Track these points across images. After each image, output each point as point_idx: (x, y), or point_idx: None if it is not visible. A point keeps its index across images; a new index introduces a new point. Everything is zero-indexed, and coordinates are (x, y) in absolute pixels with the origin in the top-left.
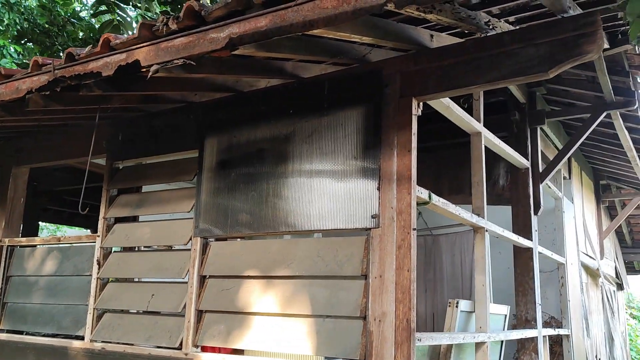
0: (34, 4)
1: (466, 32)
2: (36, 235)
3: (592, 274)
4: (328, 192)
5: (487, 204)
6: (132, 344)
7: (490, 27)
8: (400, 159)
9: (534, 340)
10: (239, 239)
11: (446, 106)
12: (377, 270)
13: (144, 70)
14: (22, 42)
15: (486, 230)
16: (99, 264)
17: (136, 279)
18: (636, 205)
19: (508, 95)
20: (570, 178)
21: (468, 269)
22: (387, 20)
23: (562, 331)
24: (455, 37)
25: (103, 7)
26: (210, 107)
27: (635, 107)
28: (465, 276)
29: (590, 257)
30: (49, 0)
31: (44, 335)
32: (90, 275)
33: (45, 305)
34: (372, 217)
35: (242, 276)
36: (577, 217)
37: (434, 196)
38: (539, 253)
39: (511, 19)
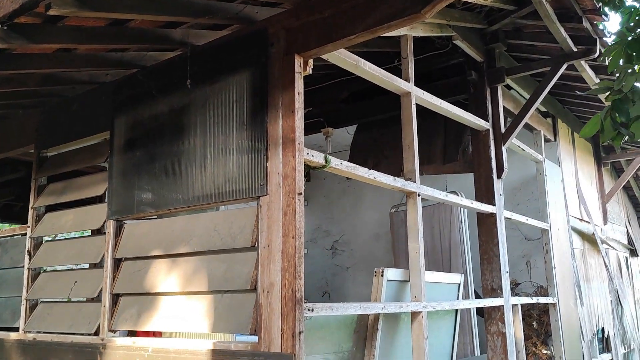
0: None
1: None
2: None
3: (590, 239)
4: (222, 163)
5: (459, 172)
6: (59, 333)
7: None
8: (285, 121)
9: (500, 309)
10: (147, 219)
11: (354, 64)
12: (266, 239)
13: None
14: None
15: (418, 195)
16: (29, 254)
17: (65, 267)
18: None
19: (465, 56)
20: (556, 140)
21: (447, 241)
22: None
23: (543, 299)
24: None
25: None
26: (118, 86)
27: (595, 55)
28: (444, 248)
29: (586, 221)
30: None
31: None
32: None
33: None
34: (261, 184)
35: (150, 257)
36: (566, 181)
37: (332, 159)
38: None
39: None
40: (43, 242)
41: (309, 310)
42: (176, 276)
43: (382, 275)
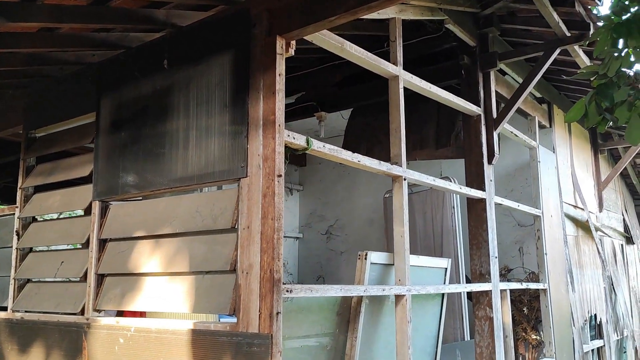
0: None
1: None
2: None
3: (584, 226)
4: (204, 145)
5: (451, 157)
6: (46, 312)
7: None
8: (265, 102)
9: (488, 294)
10: (132, 200)
11: (339, 46)
12: (246, 221)
13: None
14: None
15: (404, 179)
16: (17, 234)
17: (61, 247)
18: (636, 152)
19: (458, 40)
20: (551, 127)
21: (439, 227)
22: None
23: (533, 285)
24: None
25: None
26: (104, 67)
27: (588, 41)
28: (436, 233)
29: (581, 208)
30: None
31: None
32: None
33: None
34: (241, 166)
35: (134, 237)
36: (561, 168)
37: (314, 142)
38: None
39: None
40: (32, 222)
41: (287, 291)
42: (159, 257)
43: (365, 258)
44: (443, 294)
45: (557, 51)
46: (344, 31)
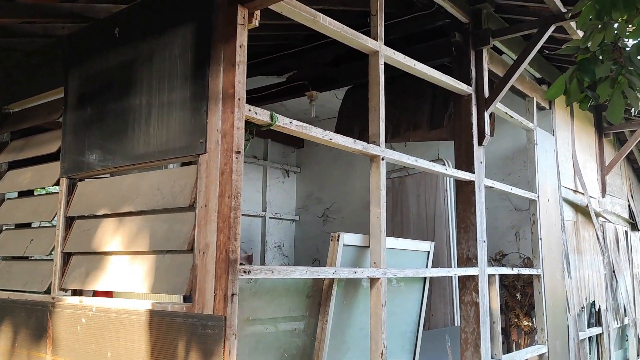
0: None
1: None
2: None
3: (585, 211)
4: (165, 120)
5: (445, 139)
6: (15, 291)
7: None
8: (225, 75)
9: (475, 279)
10: (99, 177)
11: (312, 19)
12: (203, 199)
13: None
14: None
15: (382, 159)
16: None
17: (47, 225)
18: None
19: (451, 17)
20: (551, 108)
21: (432, 210)
22: None
23: (525, 270)
24: None
25: None
26: (72, 40)
27: (571, 13)
28: (429, 217)
29: (581, 193)
30: None
31: None
32: None
33: None
34: (200, 142)
35: (99, 216)
36: (560, 151)
37: (278, 117)
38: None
39: None
40: (5, 199)
41: (244, 272)
42: (122, 236)
43: (337, 240)
44: (425, 278)
45: (552, 28)
46: (329, 5)
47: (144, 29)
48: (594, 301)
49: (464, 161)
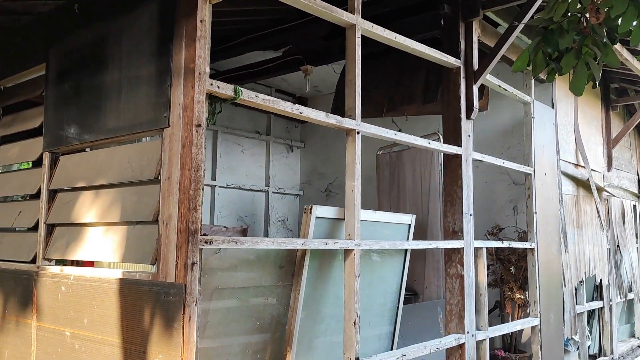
0: None
1: None
2: None
3: (587, 185)
4: (133, 95)
5: (438, 113)
6: (4, 260)
7: None
8: (187, 50)
9: (460, 252)
10: (78, 151)
11: None
12: (167, 172)
13: None
14: None
15: (358, 132)
16: None
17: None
18: None
19: None
20: (551, 81)
21: (427, 185)
22: None
23: (517, 244)
24: None
25: None
26: (52, 17)
27: None
28: (424, 191)
29: (582, 167)
30: None
31: None
32: None
33: None
34: (164, 116)
35: (78, 188)
36: (561, 124)
37: (243, 90)
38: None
39: None
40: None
41: (206, 242)
42: (98, 208)
43: (310, 212)
44: (406, 251)
45: None
46: None
47: (114, 5)
48: (595, 275)
49: (452, 135)
